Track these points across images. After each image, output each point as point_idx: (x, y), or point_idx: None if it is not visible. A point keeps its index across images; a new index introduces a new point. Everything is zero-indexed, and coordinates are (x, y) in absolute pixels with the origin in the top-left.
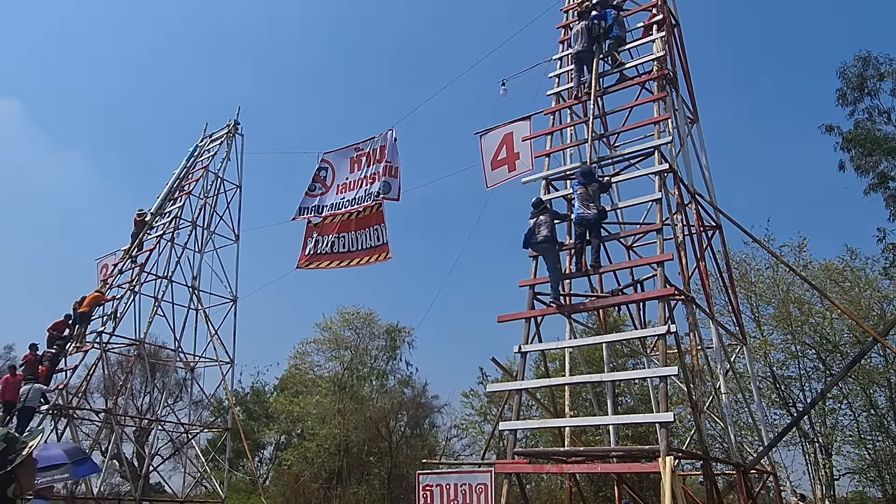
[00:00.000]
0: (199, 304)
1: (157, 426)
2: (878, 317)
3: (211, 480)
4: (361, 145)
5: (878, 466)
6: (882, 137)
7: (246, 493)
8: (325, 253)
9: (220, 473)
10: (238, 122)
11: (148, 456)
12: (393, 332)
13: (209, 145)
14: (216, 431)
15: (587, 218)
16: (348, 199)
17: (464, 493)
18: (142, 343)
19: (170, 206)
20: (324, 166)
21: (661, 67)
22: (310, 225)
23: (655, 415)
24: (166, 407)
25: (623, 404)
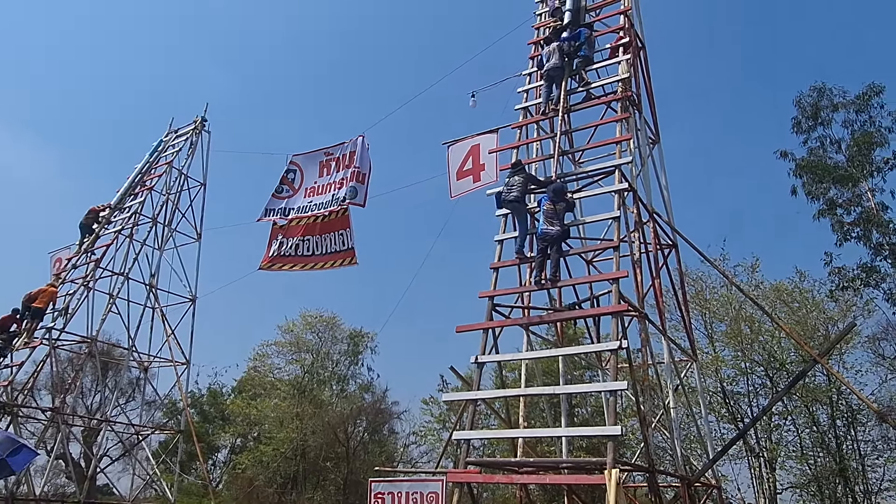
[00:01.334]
0: (157, 302)
1: (106, 427)
2: (824, 337)
3: (161, 483)
4: (331, 150)
5: (818, 481)
6: (832, 166)
7: (197, 497)
8: (289, 255)
9: (170, 477)
10: (206, 119)
11: (95, 457)
12: (356, 337)
13: (174, 141)
14: (168, 433)
15: (550, 234)
16: (316, 204)
17: (415, 501)
18: (94, 341)
19: (130, 201)
20: (292, 169)
21: (625, 89)
22: (275, 227)
23: (604, 428)
24: (117, 407)
25: (579, 416)
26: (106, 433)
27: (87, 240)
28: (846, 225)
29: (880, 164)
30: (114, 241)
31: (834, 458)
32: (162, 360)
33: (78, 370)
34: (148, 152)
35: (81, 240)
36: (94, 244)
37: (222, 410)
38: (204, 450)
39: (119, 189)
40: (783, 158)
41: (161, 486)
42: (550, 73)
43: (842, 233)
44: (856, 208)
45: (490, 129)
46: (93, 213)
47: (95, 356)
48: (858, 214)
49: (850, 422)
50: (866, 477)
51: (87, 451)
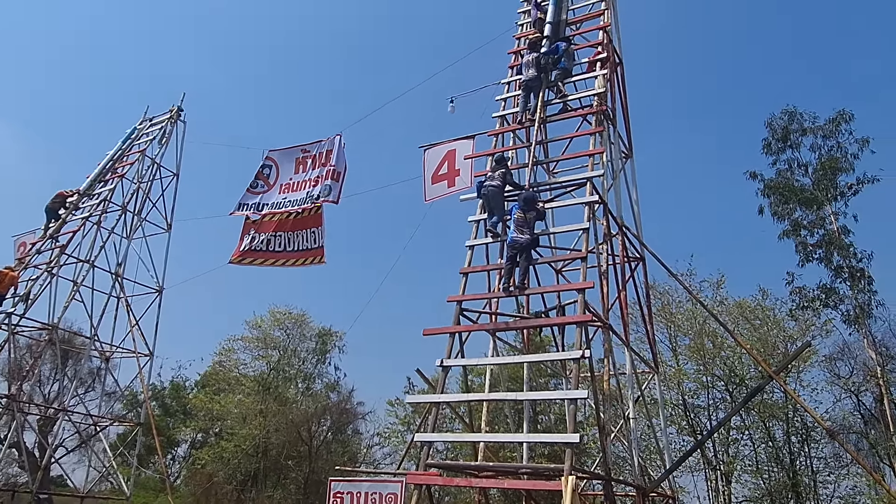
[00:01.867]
0: (122, 292)
1: (63, 416)
2: (783, 354)
3: (117, 476)
4: (308, 147)
5: (771, 496)
6: (799, 188)
7: (154, 492)
8: (260, 250)
9: (127, 470)
10: (182, 109)
11: (51, 447)
12: (324, 336)
13: (148, 129)
14: (128, 425)
15: (520, 242)
16: (290, 200)
17: (373, 502)
18: (55, 328)
19: (100, 188)
20: (268, 164)
21: (600, 103)
22: (248, 221)
23: (563, 435)
24: (76, 397)
25: (543, 423)
26: (63, 423)
27: (52, 225)
28: (809, 246)
29: (844, 189)
30: (81, 228)
31: (787, 473)
32: (125, 351)
33: (37, 357)
34: (121, 139)
35: (47, 224)
36: (59, 230)
37: (184, 404)
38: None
39: (89, 175)
40: (752, 179)
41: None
42: (528, 84)
43: (804, 254)
44: (819, 230)
45: (467, 136)
46: (60, 198)
47: (56, 344)
48: (821, 237)
49: (805, 438)
50: (817, 493)
51: (42, 440)
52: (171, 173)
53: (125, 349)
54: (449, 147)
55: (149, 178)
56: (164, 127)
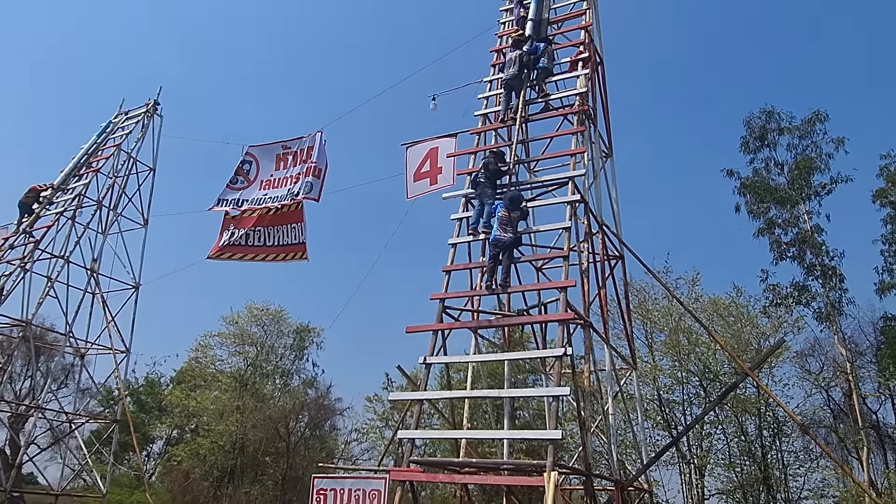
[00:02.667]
0: (98, 287)
1: (36, 413)
2: (756, 351)
3: (92, 474)
4: (289, 143)
5: (743, 489)
6: (774, 187)
7: (129, 489)
8: (239, 244)
9: (102, 467)
10: (158, 103)
11: (24, 444)
12: (302, 332)
13: (124, 123)
14: (103, 422)
15: (503, 241)
16: (271, 197)
17: (357, 498)
18: (28, 324)
19: (74, 183)
20: (248, 160)
21: (582, 102)
22: (227, 217)
23: (545, 431)
24: (49, 393)
25: (521, 418)
26: (36, 420)
27: (26, 219)
28: (783, 244)
29: (818, 188)
30: (55, 223)
31: (759, 466)
32: (100, 348)
33: (10, 354)
34: (96, 133)
35: (20, 219)
36: (33, 224)
37: (160, 401)
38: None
39: (63, 169)
40: (729, 177)
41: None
42: (509, 83)
43: (778, 252)
44: (793, 229)
45: (449, 133)
46: (33, 193)
47: (30, 340)
48: (795, 235)
49: (776, 433)
50: (788, 486)
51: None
52: (147, 168)
53: (101, 346)
54: (431, 145)
55: (125, 173)
56: (140, 121)
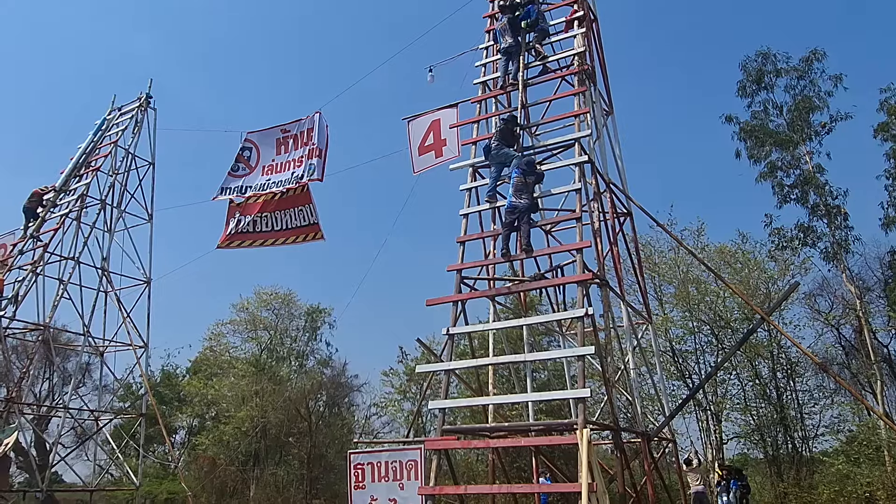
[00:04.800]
0: (110, 286)
1: (64, 413)
2: (764, 295)
3: (123, 467)
4: (288, 127)
5: (760, 431)
6: (774, 130)
7: (157, 479)
8: (247, 231)
9: (129, 460)
10: (150, 96)
11: (54, 445)
12: (313, 313)
13: (118, 119)
14: (129, 417)
15: (519, 207)
16: (275, 181)
17: (394, 470)
18: (46, 327)
19: (75, 183)
20: (247, 146)
21: (581, 62)
22: (232, 205)
23: (573, 391)
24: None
25: (537, 380)
26: (63, 420)
27: (32, 224)
28: (786, 187)
29: (818, 128)
30: (61, 225)
31: (775, 408)
32: (118, 344)
33: (32, 358)
34: (91, 132)
35: (26, 224)
36: (40, 228)
37: (178, 392)
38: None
39: (63, 170)
40: (728, 123)
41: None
42: (507, 49)
43: (782, 195)
44: (795, 171)
45: (450, 104)
46: (36, 197)
47: (49, 343)
48: (797, 177)
49: (790, 373)
50: (804, 424)
51: (40, 438)
52: (146, 162)
53: (119, 342)
54: (433, 117)
55: (124, 170)
56: (134, 116)
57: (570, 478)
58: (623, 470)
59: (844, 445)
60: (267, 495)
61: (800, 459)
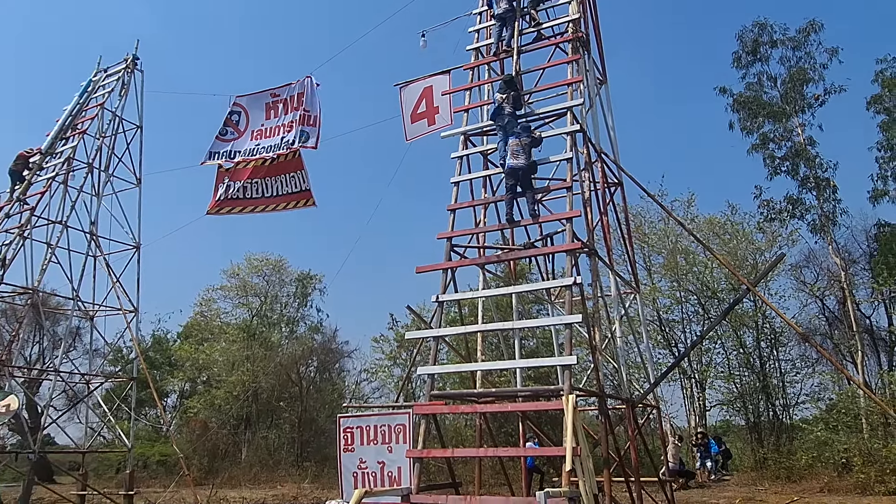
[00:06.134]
0: (99, 250)
1: (54, 377)
2: (752, 266)
3: (115, 430)
4: (278, 91)
5: (742, 398)
6: (767, 101)
7: (150, 442)
8: (237, 198)
9: (122, 423)
10: (137, 58)
11: (46, 407)
12: (304, 280)
13: (104, 81)
14: (120, 381)
15: (518, 168)
16: (264, 146)
17: (383, 434)
18: (35, 291)
19: (61, 146)
20: (236, 110)
21: (575, 30)
22: (221, 170)
23: (560, 358)
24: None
25: (526, 347)
26: (54, 383)
27: (17, 187)
28: (777, 159)
29: (811, 100)
30: (48, 189)
31: (758, 376)
32: (108, 309)
33: (21, 321)
34: (77, 93)
35: (12, 187)
36: (26, 192)
37: (169, 356)
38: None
39: (49, 133)
40: (722, 94)
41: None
42: (501, 16)
43: (773, 167)
44: (786, 143)
45: (442, 70)
46: (21, 159)
47: (38, 307)
48: (788, 149)
49: (773, 343)
50: (785, 392)
51: (32, 401)
52: (134, 126)
53: (109, 307)
54: (425, 84)
55: (112, 133)
56: (120, 77)
57: (555, 442)
58: (607, 435)
59: (824, 413)
60: (258, 457)
61: (780, 426)
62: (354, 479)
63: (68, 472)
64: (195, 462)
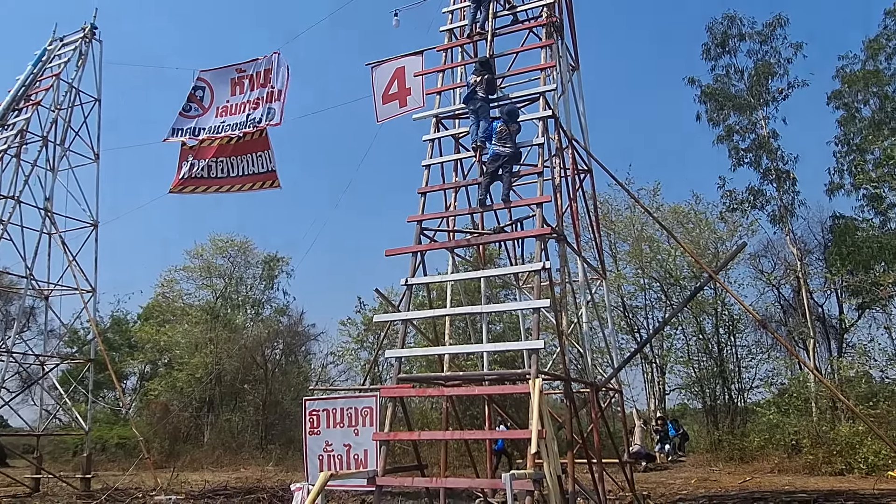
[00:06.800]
0: (54, 227)
1: (7, 357)
2: (713, 255)
3: (72, 412)
4: (244, 66)
5: (700, 383)
6: (734, 94)
7: (108, 425)
8: (201, 177)
9: (77, 405)
10: (95, 27)
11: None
12: (271, 262)
13: (61, 50)
14: (75, 363)
15: (503, 155)
16: (229, 124)
17: (350, 416)
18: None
19: (14, 118)
20: (200, 86)
21: (549, 14)
22: (184, 147)
23: (527, 342)
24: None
25: (493, 331)
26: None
27: None
28: (741, 150)
29: (775, 93)
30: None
31: (715, 361)
32: (64, 288)
33: None
34: (31, 62)
35: None
36: None
37: (128, 338)
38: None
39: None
40: (691, 85)
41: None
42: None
43: (736, 158)
44: (750, 135)
45: (415, 51)
46: None
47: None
48: (752, 141)
49: (731, 329)
50: (741, 377)
51: None
52: (92, 98)
53: (65, 286)
54: (397, 64)
55: (68, 105)
56: (78, 47)
57: (521, 425)
58: (572, 418)
59: (776, 397)
60: (221, 440)
61: (735, 409)
62: (320, 462)
63: (22, 456)
64: (156, 445)
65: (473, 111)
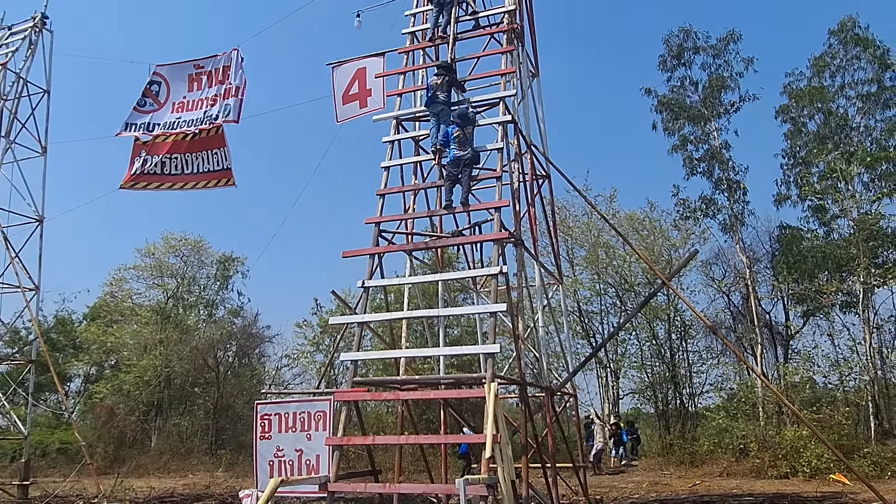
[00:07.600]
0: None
1: None
2: (667, 262)
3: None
4: (202, 62)
5: (653, 387)
6: (688, 105)
7: (49, 429)
8: (154, 173)
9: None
10: (46, 16)
11: None
12: (226, 262)
13: (8, 39)
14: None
15: (463, 158)
16: (185, 120)
17: (302, 421)
18: None
19: None
20: (156, 80)
21: (511, 21)
22: (137, 143)
23: (483, 346)
24: None
25: (450, 335)
26: None
27: None
28: (694, 160)
29: (728, 106)
30: None
31: (668, 366)
32: (6, 286)
33: None
34: None
35: None
36: None
37: (73, 338)
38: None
39: None
40: (647, 95)
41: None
42: (439, 0)
43: (690, 167)
44: (704, 145)
45: (377, 53)
46: None
47: None
48: (705, 151)
49: (683, 335)
50: (692, 382)
51: None
52: (40, 90)
53: (7, 284)
54: (358, 65)
55: (15, 96)
56: (27, 37)
57: (476, 430)
58: (527, 422)
59: (725, 402)
60: (169, 445)
61: (686, 414)
62: (270, 468)
63: None
64: (99, 450)
65: (435, 115)
